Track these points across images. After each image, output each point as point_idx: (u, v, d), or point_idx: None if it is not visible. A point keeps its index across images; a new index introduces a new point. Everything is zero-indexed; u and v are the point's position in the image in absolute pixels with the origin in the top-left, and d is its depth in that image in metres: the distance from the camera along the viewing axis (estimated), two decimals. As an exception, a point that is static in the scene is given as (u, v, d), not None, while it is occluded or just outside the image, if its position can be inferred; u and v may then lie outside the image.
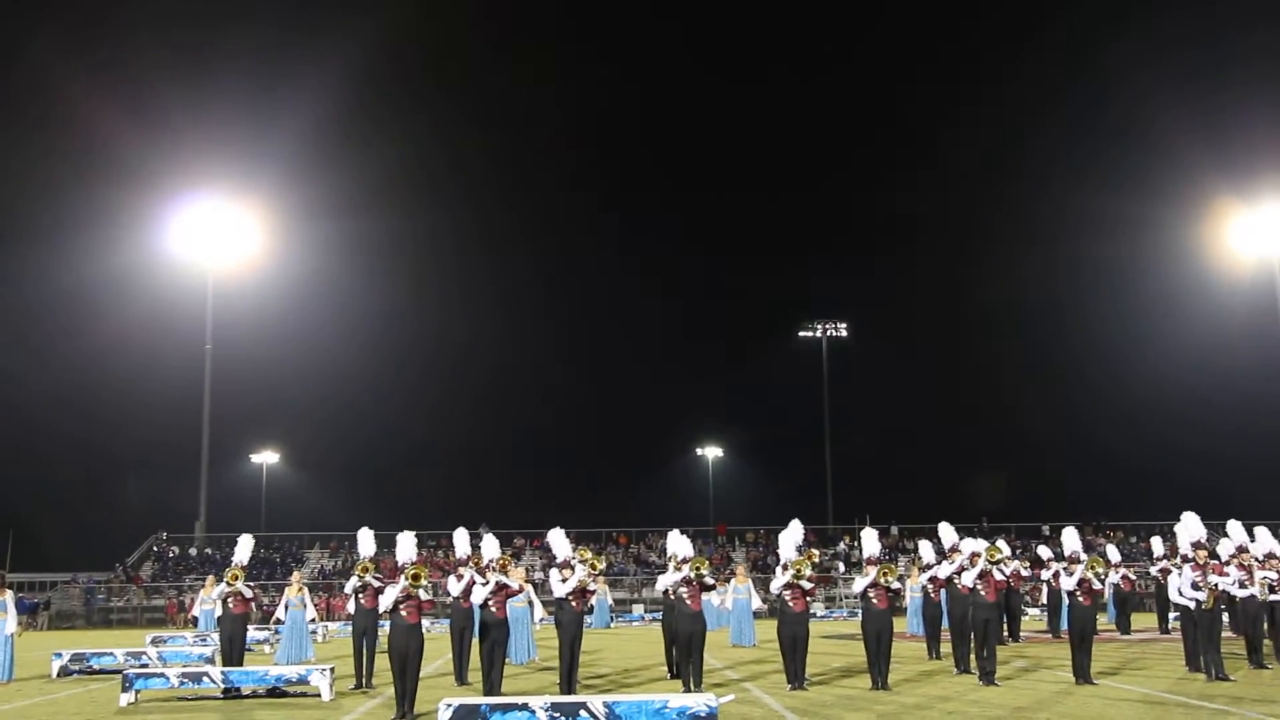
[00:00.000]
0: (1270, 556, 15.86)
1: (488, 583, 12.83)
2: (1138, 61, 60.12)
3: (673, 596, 13.74)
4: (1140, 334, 57.93)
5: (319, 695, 13.00)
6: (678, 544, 13.96)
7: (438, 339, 63.57)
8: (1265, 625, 15.59)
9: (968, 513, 45.09)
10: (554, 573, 12.95)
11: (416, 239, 62.57)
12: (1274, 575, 15.43)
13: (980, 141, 69.81)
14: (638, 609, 36.86)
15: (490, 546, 13.89)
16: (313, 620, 20.33)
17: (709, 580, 13.40)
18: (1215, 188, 43.96)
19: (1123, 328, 59.81)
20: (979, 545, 15.70)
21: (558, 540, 13.44)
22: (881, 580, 13.53)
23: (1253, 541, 16.08)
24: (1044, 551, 22.92)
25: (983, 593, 13.99)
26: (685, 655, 13.24)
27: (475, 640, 13.40)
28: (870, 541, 14.40)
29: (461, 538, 14.07)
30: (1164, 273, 51.23)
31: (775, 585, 13.76)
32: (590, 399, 68.17)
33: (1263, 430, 45.99)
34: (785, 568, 13.56)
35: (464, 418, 64.96)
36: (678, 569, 13.60)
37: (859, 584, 13.82)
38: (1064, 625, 16.10)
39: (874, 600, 13.55)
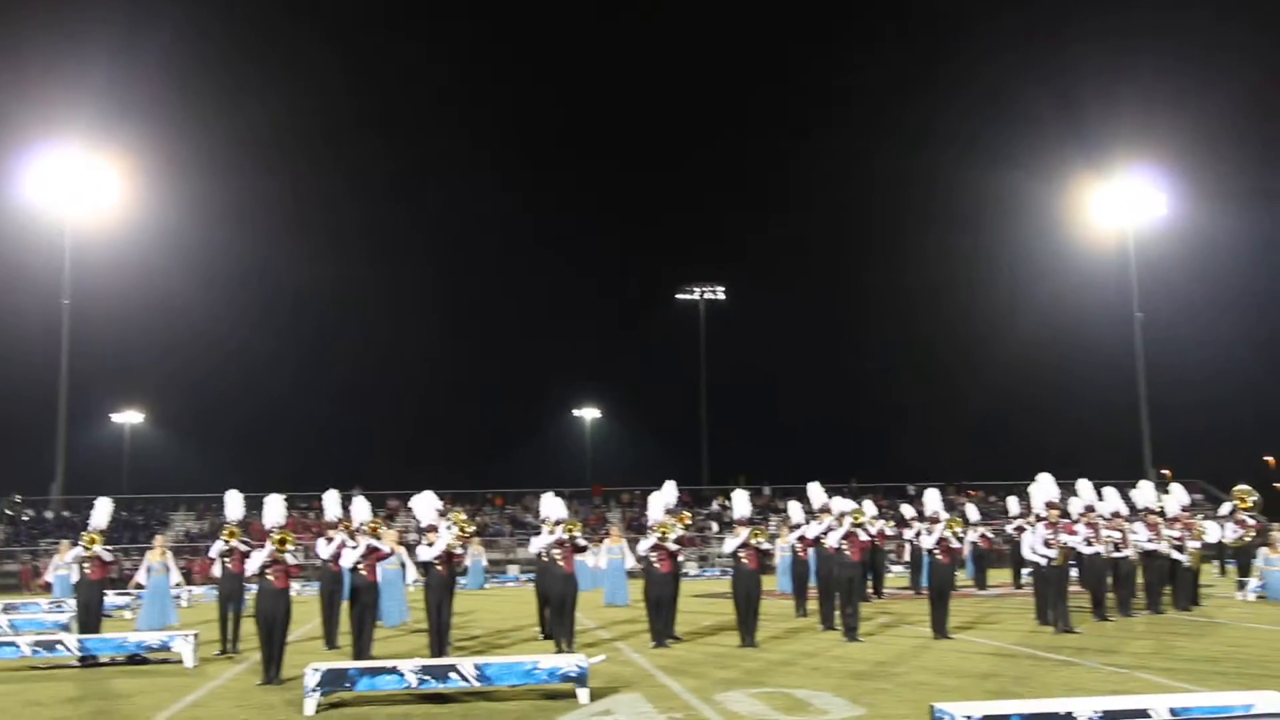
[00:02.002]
0: (1116, 515, 16.71)
1: (358, 546, 12.68)
2: (1002, 42, 61.94)
3: (545, 558, 13.82)
4: (1003, 302, 60.08)
5: (181, 662, 12.69)
6: (550, 506, 14.01)
7: (308, 297, 62.03)
8: (1110, 580, 16.46)
9: (838, 473, 46.40)
10: (422, 540, 12.87)
11: (287, 196, 60.83)
12: (1118, 534, 16.27)
13: (852, 119, 71.04)
14: (513, 570, 36.89)
15: (361, 509, 13.71)
16: (177, 585, 19.76)
17: (581, 542, 13.51)
18: (1074, 160, 45.76)
19: (987, 295, 61.85)
20: (846, 506, 16.14)
21: (421, 506, 13.32)
22: (752, 541, 13.81)
23: (1100, 501, 16.89)
24: (907, 510, 23.67)
25: (847, 552, 14.38)
26: (557, 616, 13.34)
27: (346, 604, 13.26)
28: (741, 503, 14.67)
29: (332, 500, 13.87)
30: (1028, 243, 53.12)
31: (642, 547, 13.94)
32: (467, 358, 67.50)
33: (1112, 396, 48.19)
34: (652, 529, 13.76)
35: (337, 377, 63.78)
36: (550, 531, 13.67)
37: (729, 544, 14.08)
38: (925, 582, 16.69)
39: (744, 560, 13.82)
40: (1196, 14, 59.60)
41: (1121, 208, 38.91)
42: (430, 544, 12.62)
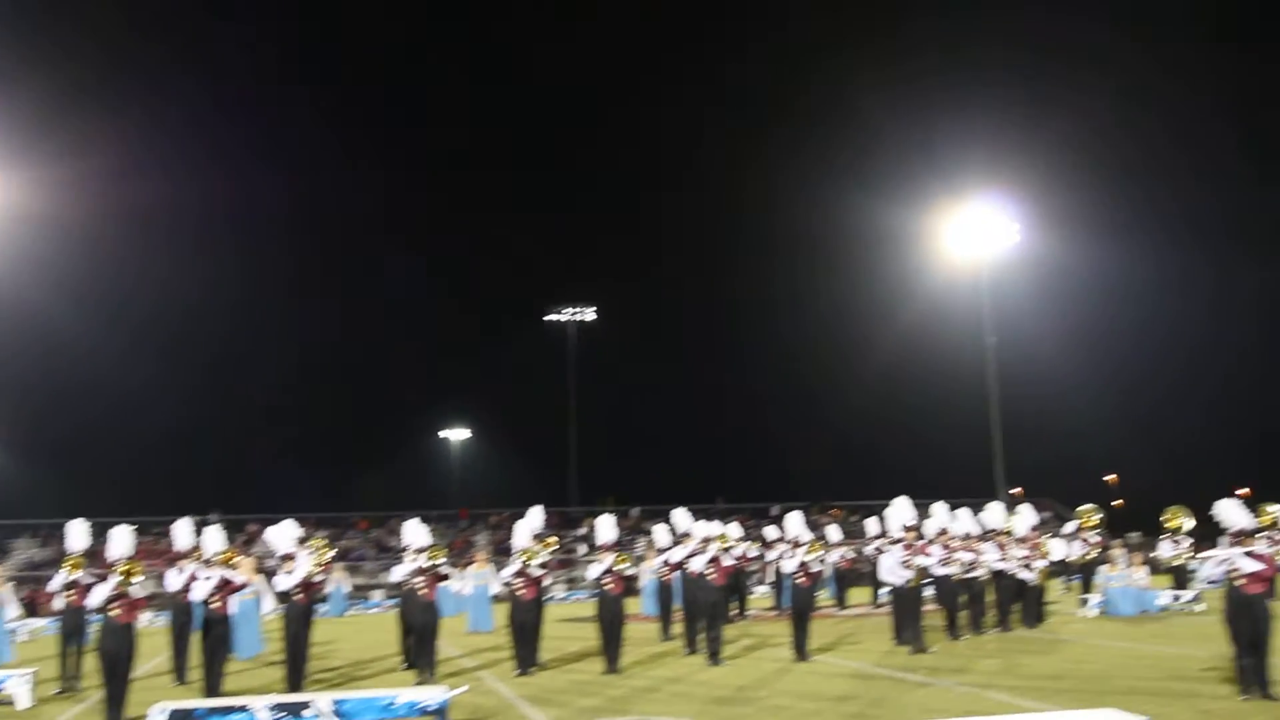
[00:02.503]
0: (968, 536, 17.30)
1: (211, 578, 12.24)
2: (863, 69, 63.78)
3: (407, 587, 13.58)
4: (865, 326, 61.71)
5: (13, 704, 12.02)
6: (414, 533, 13.78)
7: (164, 309, 59.70)
8: (963, 599, 17.00)
9: (706, 493, 46.88)
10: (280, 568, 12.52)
11: (131, 200, 58.19)
12: (971, 555, 16.83)
13: (716, 142, 72.28)
14: (377, 595, 36.13)
15: (214, 539, 13.25)
16: (15, 618, 18.74)
17: (444, 570, 13.33)
18: (932, 187, 47.34)
19: (849, 319, 63.48)
20: (712, 530, 16.32)
21: (278, 536, 12.97)
22: (616, 567, 13.84)
23: (954, 522, 17.45)
24: (771, 532, 24.02)
25: (712, 577, 14.53)
26: (419, 646, 13.13)
27: (198, 635, 12.77)
28: (606, 529, 14.68)
29: (183, 530, 13.38)
30: (888, 268, 54.61)
31: (505, 573, 13.84)
32: (332, 378, 66.04)
33: (967, 419, 49.84)
34: (516, 556, 13.68)
35: (195, 395, 61.51)
36: (413, 559, 13.45)
37: (594, 571, 14.08)
38: (788, 603, 16.96)
39: (608, 586, 13.84)
40: (1050, 48, 62.56)
41: (976, 235, 40.27)
42: (289, 573, 12.28)
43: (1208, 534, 15.62)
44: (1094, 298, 59.24)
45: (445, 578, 13.65)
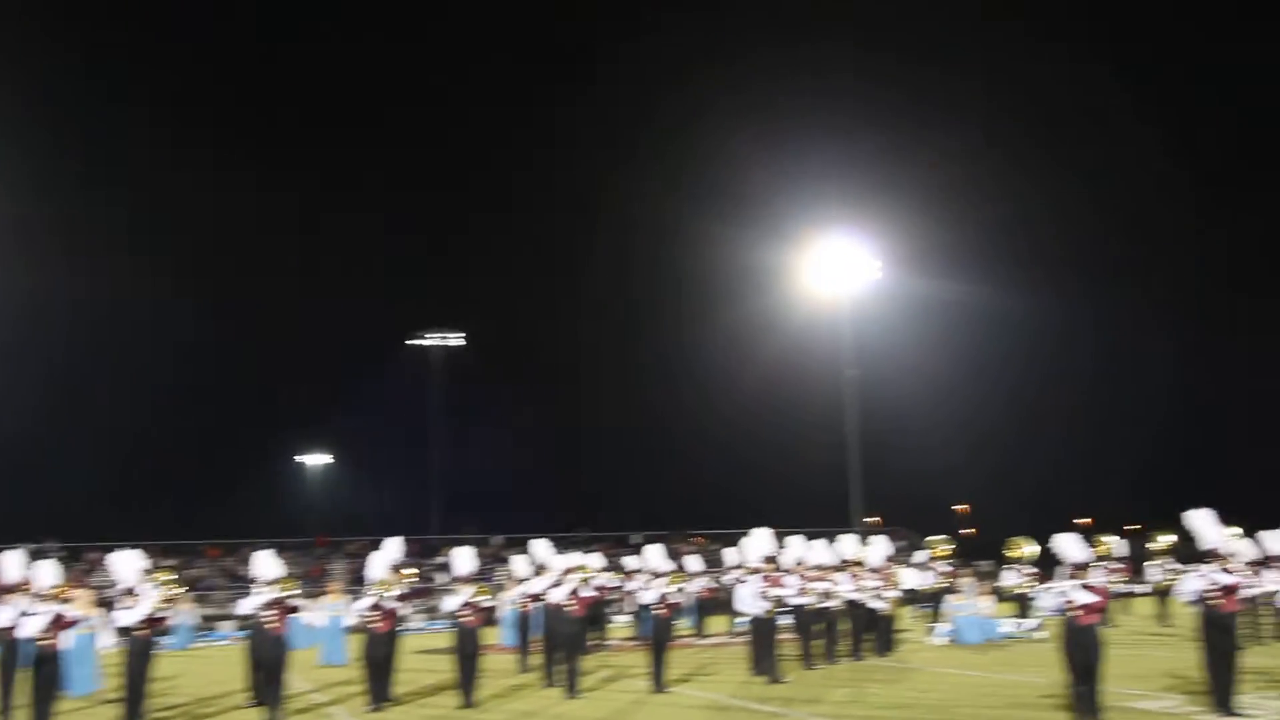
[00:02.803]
0: (823, 567, 17.65)
1: (42, 614, 11.62)
2: (727, 101, 65.16)
3: (256, 620, 13.13)
4: (728, 357, 62.67)
5: None
6: (264, 564, 13.34)
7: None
8: (818, 628, 17.32)
9: (568, 522, 46.80)
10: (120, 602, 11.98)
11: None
12: (826, 585, 17.16)
13: (575, 174, 72.71)
14: (226, 627, 34.81)
15: (47, 572, 12.58)
16: None
17: (295, 603, 12.94)
18: (794, 222, 48.43)
19: (713, 350, 64.35)
20: (573, 560, 16.26)
21: (120, 566, 12.42)
22: (474, 599, 13.67)
23: (810, 552, 17.78)
24: (631, 562, 24.09)
25: (571, 608, 14.47)
26: (267, 681, 12.70)
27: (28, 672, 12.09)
28: (463, 560, 14.49)
29: (11, 562, 12.66)
30: (751, 301, 55.52)
31: (360, 606, 13.53)
32: (184, 399, 63.60)
33: (827, 451, 50.96)
34: (371, 588, 13.39)
35: (31, 413, 58.38)
36: (263, 590, 13.02)
37: (451, 603, 13.87)
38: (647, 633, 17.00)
39: (465, 619, 13.65)
40: (912, 86, 65.04)
41: (838, 270, 41.20)
42: (130, 607, 11.75)
43: (1053, 563, 16.37)
44: (949, 333, 61.43)
45: (296, 610, 13.24)
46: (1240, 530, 17.87)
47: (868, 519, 44.47)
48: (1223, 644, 11.43)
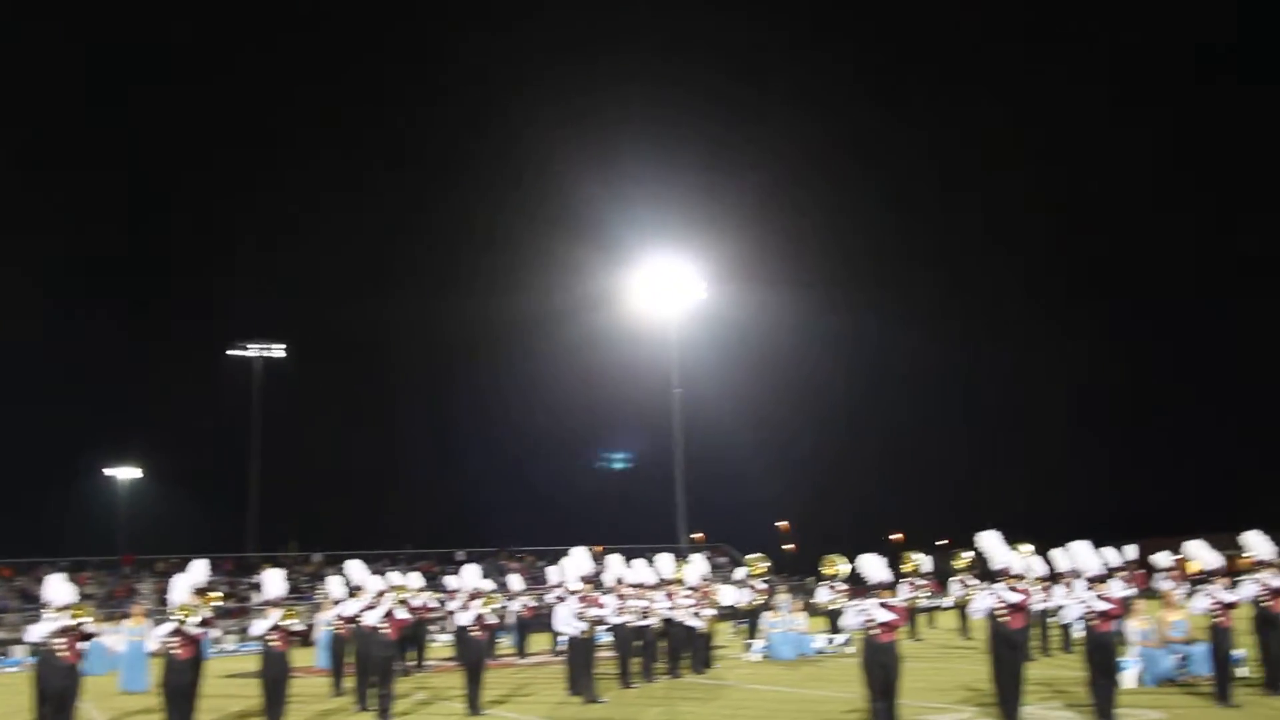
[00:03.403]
0: (642, 585, 17.84)
1: None
2: (557, 112, 65.47)
3: (45, 648, 12.41)
4: (561, 374, 62.81)
5: None
6: (55, 589, 12.62)
7: None
8: (638, 646, 17.48)
9: (392, 539, 45.92)
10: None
11: None
12: (644, 603, 17.35)
13: (405, 185, 71.86)
14: (19, 652, 32.72)
15: None
16: None
17: (89, 629, 12.29)
18: (623, 243, 49.07)
19: (546, 366, 64.36)
20: (393, 579, 15.98)
21: None
22: (283, 622, 13.27)
23: (629, 570, 17.94)
24: (451, 581, 23.79)
25: (385, 631, 14.21)
26: (56, 713, 12.02)
27: None
28: (274, 582, 14.07)
29: None
30: (581, 321, 55.80)
31: (159, 632, 12.94)
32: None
33: (654, 468, 51.68)
34: (172, 613, 12.83)
35: None
36: (53, 616, 12.32)
37: (258, 627, 13.43)
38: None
39: (274, 643, 13.24)
40: (735, 113, 66.72)
41: (666, 290, 41.80)
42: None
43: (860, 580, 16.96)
44: (773, 353, 63.20)
45: (90, 636, 12.57)
46: (1032, 548, 18.99)
47: (693, 536, 45.23)
48: (1010, 658, 12.12)
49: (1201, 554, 14.69)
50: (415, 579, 21.13)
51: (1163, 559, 22.39)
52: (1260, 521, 14.40)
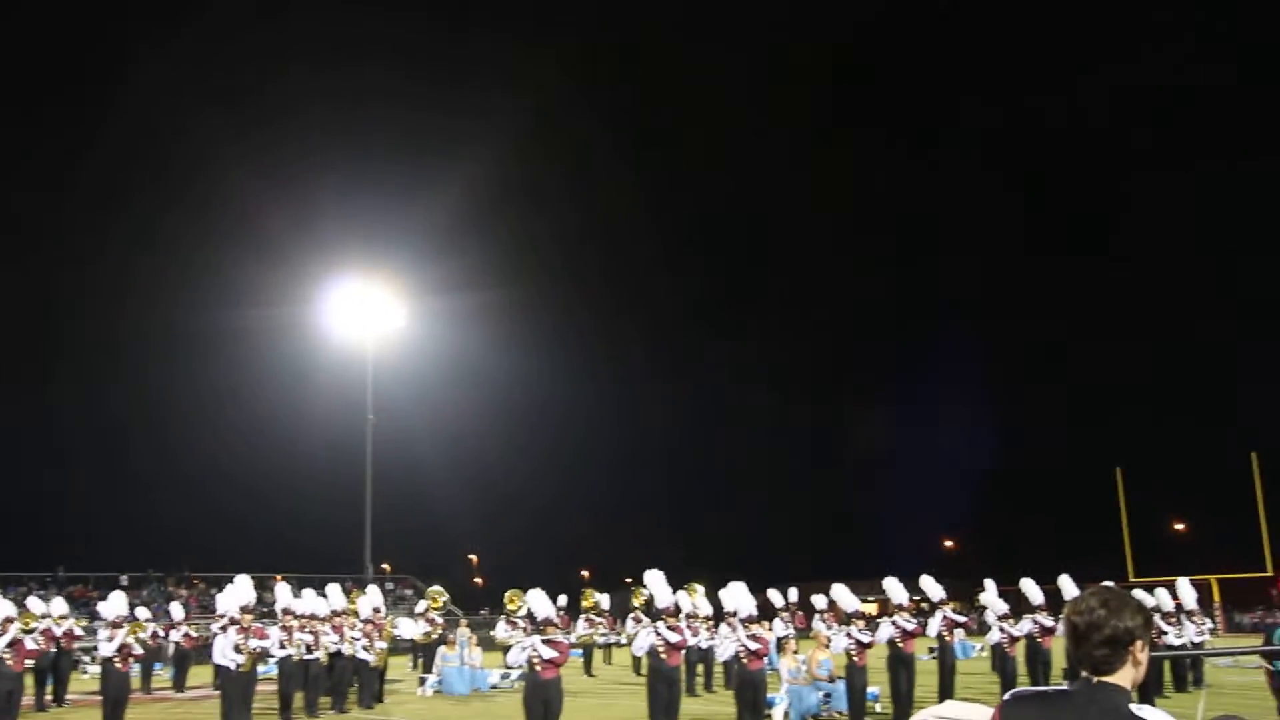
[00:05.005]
0: (311, 617, 17.19)
1: None
2: (234, 125, 63.11)
3: None
4: (255, 408, 60.01)
5: None
6: None
7: None
8: (301, 680, 16.78)
9: (46, 561, 42.03)
10: None
11: None
12: (310, 636, 16.72)
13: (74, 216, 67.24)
14: None
15: None
16: None
17: None
18: (324, 266, 47.31)
19: (236, 391, 61.36)
20: (31, 608, 14.62)
21: None
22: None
23: (298, 601, 17.26)
24: (103, 608, 22.07)
25: (10, 662, 12.95)
26: None
27: None
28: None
29: None
30: (281, 346, 53.32)
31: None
32: None
33: (346, 496, 50.08)
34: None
35: None
36: None
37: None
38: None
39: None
40: (434, 134, 66.42)
41: (363, 316, 40.42)
42: None
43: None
44: (468, 383, 63.02)
45: None
46: (702, 589, 19.73)
47: (381, 566, 44.14)
48: (667, 694, 12.52)
49: (843, 597, 15.79)
50: (58, 605, 19.40)
51: (820, 600, 23.86)
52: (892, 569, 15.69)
